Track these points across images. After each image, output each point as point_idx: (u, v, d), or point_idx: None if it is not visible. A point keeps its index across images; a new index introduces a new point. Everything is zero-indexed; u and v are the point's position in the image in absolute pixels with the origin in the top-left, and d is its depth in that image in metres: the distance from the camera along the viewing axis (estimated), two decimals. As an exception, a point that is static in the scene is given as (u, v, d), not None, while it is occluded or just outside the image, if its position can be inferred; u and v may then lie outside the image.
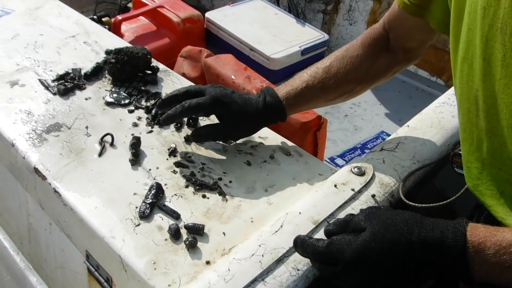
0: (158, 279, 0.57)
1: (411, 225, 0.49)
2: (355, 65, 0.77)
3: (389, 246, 0.48)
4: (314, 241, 0.53)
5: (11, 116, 0.84)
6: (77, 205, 0.67)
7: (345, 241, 0.51)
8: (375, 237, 0.49)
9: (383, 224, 0.50)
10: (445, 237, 0.47)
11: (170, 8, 1.74)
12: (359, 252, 0.49)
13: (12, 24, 1.11)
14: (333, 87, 0.77)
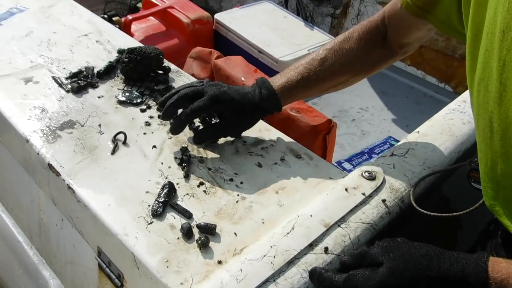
0: (170, 277, 0.58)
1: (430, 260, 0.48)
2: (350, 58, 0.78)
3: (408, 282, 0.47)
4: (332, 276, 0.52)
5: (25, 112, 0.85)
6: (91, 202, 0.68)
7: (363, 277, 0.49)
8: (393, 272, 0.48)
9: (401, 259, 0.49)
10: (467, 273, 0.46)
11: (180, 9, 1.75)
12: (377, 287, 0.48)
13: (26, 22, 1.13)
14: (327, 79, 0.79)
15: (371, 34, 0.79)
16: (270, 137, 0.85)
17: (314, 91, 0.81)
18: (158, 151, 0.79)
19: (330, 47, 0.79)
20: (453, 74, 1.75)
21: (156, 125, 0.86)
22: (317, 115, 1.07)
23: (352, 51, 0.78)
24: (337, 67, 0.78)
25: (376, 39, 0.79)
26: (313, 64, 0.78)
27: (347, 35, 0.80)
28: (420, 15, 0.71)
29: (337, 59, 0.78)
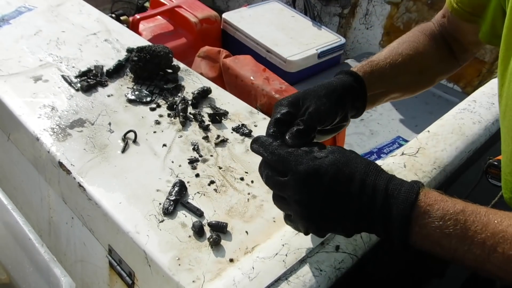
0: (182, 275, 0.57)
1: (370, 170, 0.49)
2: (420, 50, 0.71)
3: (343, 177, 0.48)
4: (276, 145, 0.52)
5: (35, 110, 0.85)
6: (102, 200, 0.68)
7: (305, 155, 0.50)
8: (334, 164, 0.48)
9: (344, 157, 0.50)
10: (398, 190, 0.47)
11: (187, 8, 1.75)
12: (314, 170, 0.48)
13: (34, 20, 1.13)
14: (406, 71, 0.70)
15: (432, 32, 0.74)
16: (280, 135, 0.85)
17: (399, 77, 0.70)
18: (168, 149, 0.79)
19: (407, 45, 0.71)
20: (462, 75, 1.74)
21: (166, 124, 0.86)
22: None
23: (422, 43, 0.72)
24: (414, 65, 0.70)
25: (446, 48, 0.75)
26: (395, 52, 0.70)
27: (415, 36, 0.73)
28: (471, 20, 0.68)
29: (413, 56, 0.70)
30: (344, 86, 0.61)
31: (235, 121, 0.88)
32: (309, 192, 0.49)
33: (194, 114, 0.89)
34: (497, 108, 0.89)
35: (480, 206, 0.46)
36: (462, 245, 0.45)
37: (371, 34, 1.96)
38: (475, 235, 0.44)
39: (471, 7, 0.67)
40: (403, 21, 1.81)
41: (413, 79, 0.73)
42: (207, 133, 0.84)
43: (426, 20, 0.81)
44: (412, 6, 1.77)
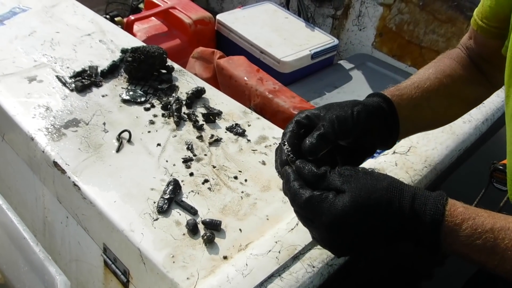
0: (176, 272, 0.58)
1: (391, 193, 0.48)
2: (448, 73, 0.68)
3: (368, 214, 0.48)
4: (298, 188, 0.50)
5: (30, 110, 0.86)
6: (97, 199, 0.69)
7: (326, 203, 0.48)
8: (355, 203, 0.47)
9: (363, 190, 0.48)
10: (423, 212, 0.47)
11: (182, 10, 1.76)
12: (338, 218, 0.47)
13: (28, 21, 1.13)
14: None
15: (460, 57, 0.70)
16: (273, 135, 0.86)
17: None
18: (163, 149, 0.80)
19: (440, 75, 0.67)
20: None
21: (160, 124, 0.87)
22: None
23: (450, 67, 0.68)
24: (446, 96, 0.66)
25: (466, 60, 0.71)
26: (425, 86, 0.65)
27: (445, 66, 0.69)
28: (499, 36, 0.63)
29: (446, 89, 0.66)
30: (369, 103, 0.58)
31: (228, 121, 0.89)
32: (338, 237, 0.49)
33: (188, 114, 0.89)
34: (487, 107, 0.91)
35: (508, 220, 0.46)
36: (492, 260, 0.46)
37: (364, 35, 1.98)
38: (505, 252, 0.45)
39: (496, 22, 0.63)
40: (395, 23, 1.83)
41: (445, 102, 0.67)
42: (201, 132, 0.85)
43: (420, 22, 0.79)
44: (404, 8, 1.79)
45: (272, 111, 1.13)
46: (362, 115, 0.55)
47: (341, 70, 1.79)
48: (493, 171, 0.68)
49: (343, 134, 0.54)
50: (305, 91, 1.61)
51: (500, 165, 0.65)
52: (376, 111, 0.57)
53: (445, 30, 1.67)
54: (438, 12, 1.68)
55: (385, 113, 0.58)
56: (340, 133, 0.54)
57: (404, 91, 0.63)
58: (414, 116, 0.63)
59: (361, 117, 0.55)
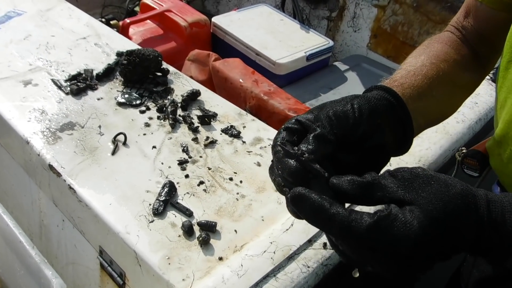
0: (172, 273, 0.58)
1: (467, 199, 0.38)
2: (444, 58, 0.58)
3: (447, 230, 0.37)
4: (348, 214, 0.37)
5: (25, 114, 0.86)
6: (92, 202, 0.69)
7: (397, 222, 0.36)
8: (432, 219, 0.37)
9: (437, 200, 0.37)
10: (507, 218, 0.38)
11: (177, 12, 1.76)
12: (418, 242, 0.36)
13: (24, 25, 1.13)
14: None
15: (452, 39, 0.63)
16: (269, 136, 0.86)
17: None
18: (158, 151, 0.80)
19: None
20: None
21: (155, 126, 0.87)
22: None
23: (445, 53, 0.60)
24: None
25: (460, 42, 0.63)
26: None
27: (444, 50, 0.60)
28: (507, 8, 0.58)
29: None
30: (371, 95, 0.47)
31: (224, 123, 0.89)
32: (412, 262, 0.38)
33: (183, 116, 0.90)
34: (480, 107, 0.91)
35: None
36: None
37: (359, 37, 1.99)
38: None
39: None
40: (389, 24, 1.84)
41: (447, 90, 0.57)
42: (197, 134, 0.86)
43: (413, 23, 0.78)
44: (398, 9, 1.81)
45: (267, 112, 1.13)
46: (364, 107, 0.44)
47: (337, 71, 1.79)
48: (464, 158, 0.68)
49: (345, 133, 0.43)
50: (300, 92, 1.62)
51: (471, 151, 0.64)
52: (381, 103, 0.46)
53: (439, 31, 1.68)
54: (432, 13, 1.69)
55: (393, 105, 0.47)
56: (340, 131, 0.43)
57: (403, 80, 0.52)
58: (422, 107, 0.52)
59: (364, 110, 0.44)
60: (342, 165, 0.45)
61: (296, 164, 0.40)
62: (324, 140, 0.42)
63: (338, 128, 0.43)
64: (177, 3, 1.83)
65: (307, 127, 0.44)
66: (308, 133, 0.43)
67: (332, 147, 0.42)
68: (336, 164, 0.44)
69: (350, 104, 0.45)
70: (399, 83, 0.52)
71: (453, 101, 0.61)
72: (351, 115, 0.44)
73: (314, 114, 0.45)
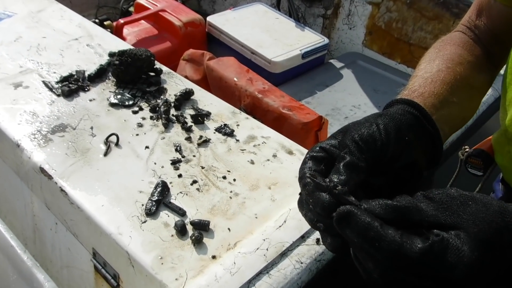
0: (165, 273, 0.58)
1: (507, 218, 0.37)
2: (458, 61, 0.58)
3: (495, 251, 0.36)
4: (397, 238, 0.35)
5: (15, 117, 0.85)
6: (84, 203, 0.68)
7: (450, 249, 0.35)
8: (480, 242, 0.36)
9: (480, 221, 0.36)
10: None
11: (172, 12, 1.76)
12: (473, 268, 0.35)
13: (14, 26, 1.13)
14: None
15: (462, 40, 0.62)
16: (262, 134, 0.86)
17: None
18: (151, 151, 0.80)
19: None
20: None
21: (148, 126, 0.86)
22: (308, 112, 1.08)
23: (458, 55, 0.58)
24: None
25: (472, 42, 0.62)
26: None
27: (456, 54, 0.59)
28: None
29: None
30: (393, 111, 0.45)
31: (217, 122, 0.89)
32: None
33: (176, 116, 0.89)
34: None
35: None
36: None
37: (354, 34, 1.98)
38: None
39: None
40: (384, 21, 1.84)
41: (466, 94, 0.56)
42: (190, 134, 0.85)
43: (408, 19, 0.76)
44: (392, 6, 1.80)
45: (262, 111, 1.13)
46: (390, 126, 0.42)
47: (332, 69, 1.79)
48: (468, 157, 0.68)
49: (375, 156, 0.41)
50: (296, 90, 1.62)
51: (475, 150, 0.64)
52: (405, 118, 0.45)
53: (432, 27, 1.68)
54: (425, 10, 1.69)
55: (418, 118, 0.45)
56: (370, 155, 0.41)
57: (422, 89, 0.50)
58: (446, 115, 0.50)
59: (390, 129, 0.42)
60: (374, 189, 0.43)
61: (330, 198, 0.38)
62: (355, 168, 0.40)
63: (368, 153, 0.41)
64: (172, 2, 1.82)
65: (333, 154, 0.42)
66: (336, 161, 0.41)
67: (364, 174, 0.41)
68: (368, 189, 0.42)
69: (375, 124, 0.43)
70: (419, 93, 0.50)
71: (473, 104, 0.59)
72: (378, 137, 0.42)
73: (338, 139, 0.43)
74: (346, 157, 0.40)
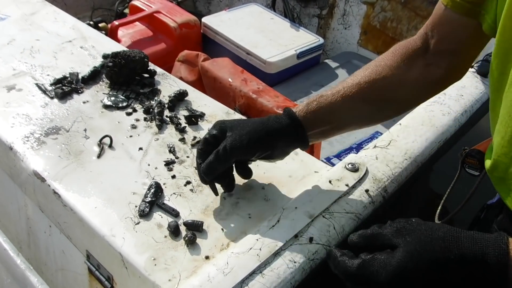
0: (158, 274, 0.58)
1: (448, 241, 0.46)
2: (383, 74, 0.66)
3: (427, 266, 0.46)
4: (346, 261, 0.50)
5: (8, 120, 0.85)
6: (77, 205, 0.68)
7: (378, 262, 0.48)
8: (411, 257, 0.46)
9: (418, 242, 0.47)
10: (486, 254, 0.45)
11: (166, 14, 1.76)
12: (395, 275, 0.46)
13: (7, 29, 1.12)
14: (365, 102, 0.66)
15: (407, 48, 0.67)
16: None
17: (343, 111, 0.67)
18: (145, 152, 0.80)
19: (364, 70, 0.67)
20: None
21: (142, 128, 0.86)
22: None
23: (385, 66, 0.66)
24: (369, 86, 0.65)
25: (414, 53, 0.67)
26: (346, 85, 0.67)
27: (380, 57, 0.69)
28: (471, 14, 0.60)
29: (370, 77, 0.65)
30: (276, 129, 0.63)
31: (211, 122, 0.89)
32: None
33: (170, 117, 0.89)
34: (466, 99, 0.91)
35: None
36: None
37: (349, 34, 1.99)
38: None
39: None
40: (379, 20, 1.84)
41: (375, 108, 0.67)
42: (184, 135, 0.85)
43: (402, 19, 0.77)
44: (386, 6, 1.81)
45: (256, 111, 1.13)
46: (260, 144, 0.62)
47: (327, 68, 1.79)
48: (466, 157, 0.68)
49: (238, 158, 0.63)
50: (292, 90, 1.62)
51: (473, 151, 0.65)
52: (282, 135, 0.63)
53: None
54: (419, 9, 1.69)
55: (292, 135, 0.64)
56: (231, 158, 0.62)
57: (324, 104, 0.66)
58: (333, 127, 0.68)
59: (259, 145, 0.62)
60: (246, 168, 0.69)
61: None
62: (215, 164, 0.65)
63: (229, 156, 0.63)
64: (167, 4, 1.82)
65: (223, 137, 0.65)
66: (214, 151, 0.65)
67: (224, 168, 0.65)
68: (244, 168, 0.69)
69: (246, 136, 0.63)
70: (317, 107, 0.66)
71: (378, 117, 0.70)
72: (241, 148, 0.63)
73: (225, 132, 0.65)
74: (212, 156, 0.63)
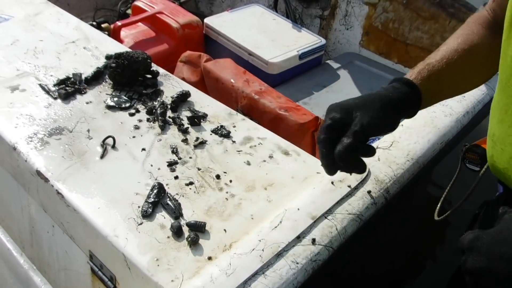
0: (161, 275, 0.58)
1: None
2: (475, 42, 0.68)
3: None
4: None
5: (12, 120, 0.85)
6: (80, 206, 0.69)
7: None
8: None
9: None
10: None
11: (169, 14, 1.76)
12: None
13: (11, 30, 1.13)
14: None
15: (483, 20, 0.70)
16: (259, 135, 0.86)
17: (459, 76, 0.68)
18: (148, 153, 0.80)
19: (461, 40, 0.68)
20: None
21: (145, 128, 0.87)
22: (304, 113, 1.08)
23: (476, 34, 0.69)
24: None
25: (489, 24, 0.70)
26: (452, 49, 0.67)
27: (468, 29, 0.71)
28: None
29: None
30: (401, 99, 0.60)
31: (214, 123, 0.89)
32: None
33: (173, 118, 0.89)
34: (468, 101, 0.91)
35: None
36: None
37: (351, 35, 1.99)
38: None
39: None
40: (381, 21, 1.84)
41: (474, 73, 0.69)
42: (186, 135, 0.85)
43: (404, 19, 0.78)
44: (388, 6, 1.81)
45: (258, 112, 1.13)
46: (394, 117, 0.60)
47: (329, 69, 1.79)
48: (466, 152, 0.69)
49: (375, 136, 0.60)
50: (293, 91, 1.62)
51: (474, 146, 0.65)
52: (405, 105, 0.61)
53: (428, 27, 1.69)
54: (421, 10, 1.69)
55: (413, 103, 0.62)
56: (371, 136, 0.58)
57: (433, 71, 0.64)
58: (440, 93, 0.66)
59: (393, 118, 0.60)
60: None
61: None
62: (354, 148, 0.57)
63: (369, 134, 0.58)
64: (169, 4, 1.83)
65: (345, 125, 0.58)
66: (346, 136, 0.57)
67: (361, 148, 0.59)
68: None
69: (381, 112, 0.59)
70: (428, 74, 0.64)
71: (476, 81, 0.70)
72: (380, 124, 0.59)
73: (351, 114, 0.59)
74: (350, 137, 0.56)
